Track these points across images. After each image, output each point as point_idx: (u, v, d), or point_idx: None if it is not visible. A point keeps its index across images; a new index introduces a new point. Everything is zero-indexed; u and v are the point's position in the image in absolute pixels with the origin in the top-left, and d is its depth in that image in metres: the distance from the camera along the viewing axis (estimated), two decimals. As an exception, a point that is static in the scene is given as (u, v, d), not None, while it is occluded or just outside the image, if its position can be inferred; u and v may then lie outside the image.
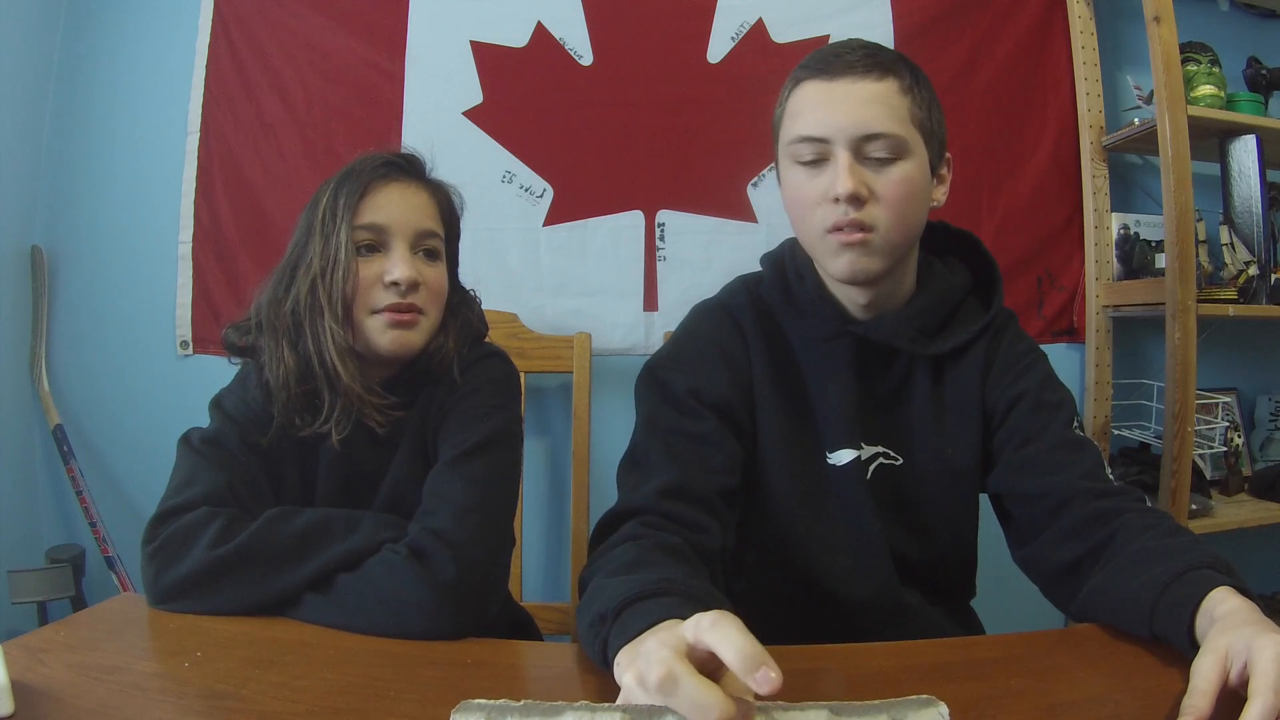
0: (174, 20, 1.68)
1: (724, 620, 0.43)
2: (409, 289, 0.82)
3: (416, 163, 0.89)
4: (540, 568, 1.64)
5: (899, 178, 0.77)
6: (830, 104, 0.78)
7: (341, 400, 0.81)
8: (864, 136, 0.76)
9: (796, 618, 0.87)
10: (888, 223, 0.77)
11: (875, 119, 0.76)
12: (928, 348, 0.85)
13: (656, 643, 0.45)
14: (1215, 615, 0.56)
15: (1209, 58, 1.58)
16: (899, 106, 0.77)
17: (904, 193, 0.77)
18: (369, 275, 0.82)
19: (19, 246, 1.65)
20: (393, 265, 0.82)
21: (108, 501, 1.62)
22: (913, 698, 0.48)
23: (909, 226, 0.80)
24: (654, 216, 1.65)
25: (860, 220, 0.77)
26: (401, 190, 0.86)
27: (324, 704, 0.54)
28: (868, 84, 0.77)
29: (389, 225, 0.83)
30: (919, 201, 0.80)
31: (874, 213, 0.77)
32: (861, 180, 0.76)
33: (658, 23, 1.66)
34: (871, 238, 0.77)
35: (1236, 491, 1.64)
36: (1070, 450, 0.80)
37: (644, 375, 0.86)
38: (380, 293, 0.82)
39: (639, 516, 0.72)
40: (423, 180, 0.89)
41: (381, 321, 0.82)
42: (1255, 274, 1.51)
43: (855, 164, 0.77)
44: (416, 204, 0.86)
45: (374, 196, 0.84)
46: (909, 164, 0.78)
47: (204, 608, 0.71)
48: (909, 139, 0.77)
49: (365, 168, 0.85)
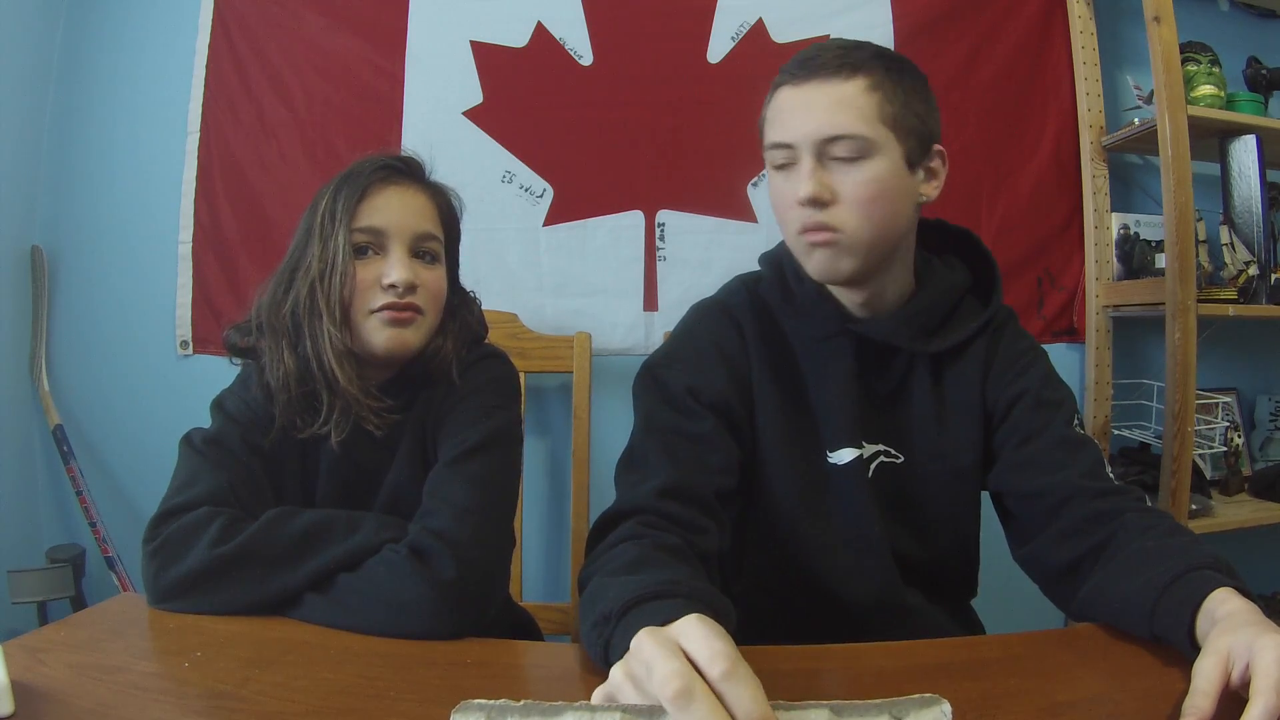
0: (174, 20, 1.68)
1: (735, 673, 0.42)
2: (406, 291, 0.83)
3: (415, 165, 0.90)
4: (540, 568, 1.64)
5: (863, 178, 0.77)
6: (796, 109, 0.79)
7: (340, 402, 0.81)
8: (826, 139, 0.77)
9: (797, 617, 0.87)
10: (854, 223, 0.78)
11: (836, 121, 0.76)
12: (927, 346, 0.85)
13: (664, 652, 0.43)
14: (1216, 616, 0.55)
15: (1209, 58, 1.58)
16: (864, 105, 0.77)
17: (870, 193, 0.77)
18: (366, 277, 0.82)
19: (19, 246, 1.65)
20: (390, 268, 0.82)
21: (108, 501, 1.62)
22: (915, 696, 0.48)
23: (880, 226, 0.79)
24: (654, 216, 1.65)
25: (824, 222, 0.78)
26: (400, 193, 0.86)
27: (324, 704, 0.54)
28: (833, 85, 0.77)
29: (387, 228, 0.83)
30: (891, 200, 0.79)
31: (838, 214, 0.78)
32: (823, 183, 0.77)
33: (658, 23, 1.66)
34: (838, 238, 0.78)
35: (1236, 491, 1.64)
36: (1070, 449, 0.80)
37: (642, 374, 0.86)
38: (378, 294, 0.82)
39: (637, 516, 0.72)
40: (422, 183, 0.89)
41: (378, 320, 0.82)
42: (1255, 274, 1.52)
43: (818, 167, 0.77)
44: (415, 207, 0.86)
45: (372, 199, 0.84)
46: (876, 163, 0.77)
47: (204, 607, 0.71)
48: (875, 138, 0.77)
49: (364, 170, 0.85)
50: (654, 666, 0.43)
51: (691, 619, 0.46)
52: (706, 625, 0.45)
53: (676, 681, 0.41)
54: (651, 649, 0.44)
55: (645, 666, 0.44)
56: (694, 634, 0.45)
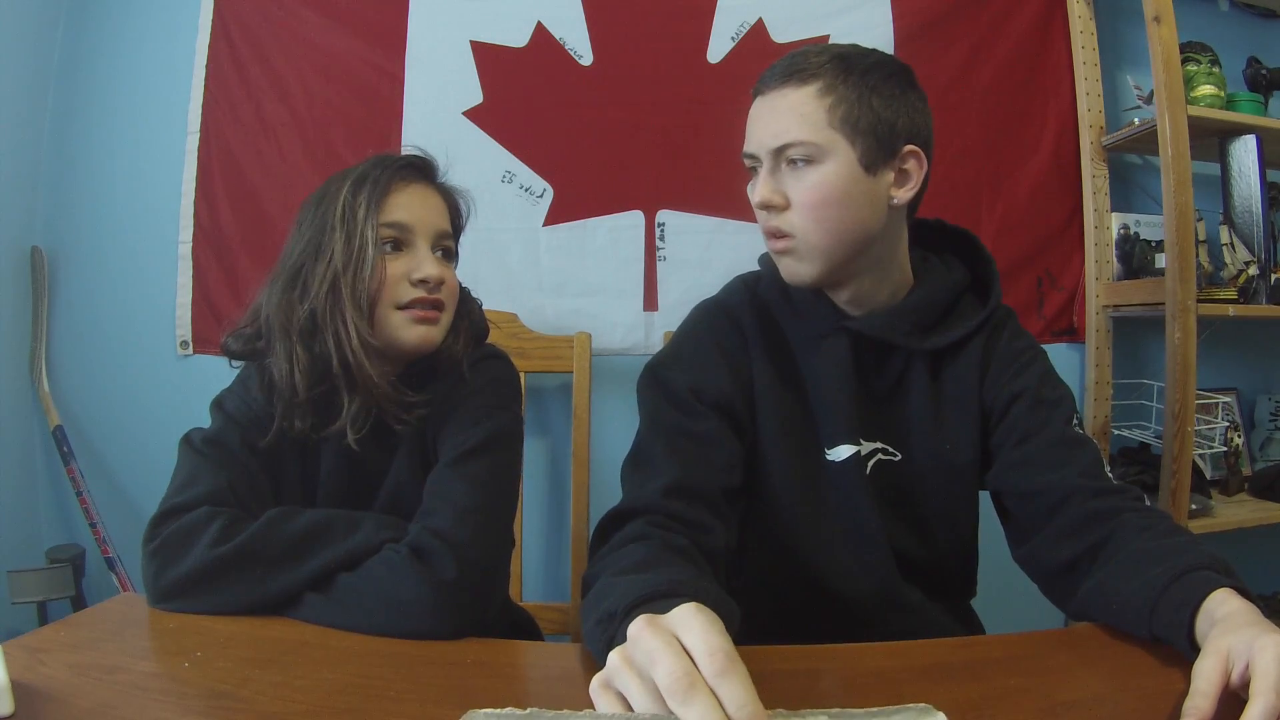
0: (174, 20, 1.68)
1: (731, 672, 0.42)
2: (436, 286, 0.84)
3: (432, 166, 0.92)
4: (540, 568, 1.64)
5: (811, 182, 0.79)
6: (757, 119, 0.82)
7: (359, 399, 0.82)
8: (778, 148, 0.80)
9: (796, 614, 0.87)
10: (804, 227, 0.80)
11: (784, 129, 0.79)
12: (924, 342, 0.85)
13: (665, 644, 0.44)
14: (1216, 617, 0.55)
15: (1209, 58, 1.58)
16: (812, 111, 0.78)
17: (818, 197, 0.79)
18: (395, 272, 0.83)
19: (19, 247, 1.65)
20: (420, 263, 0.84)
21: (108, 502, 1.62)
22: (911, 706, 0.48)
23: (835, 229, 0.79)
24: (654, 216, 1.65)
25: (778, 227, 0.81)
26: (422, 191, 0.88)
27: (324, 704, 0.54)
28: (785, 93, 0.80)
29: (413, 224, 0.85)
30: (844, 203, 0.79)
31: (790, 219, 0.80)
32: (775, 189, 0.80)
33: (658, 23, 1.66)
34: (793, 244, 0.81)
35: (1236, 491, 1.64)
36: (1069, 448, 0.80)
37: (645, 375, 0.87)
38: (406, 289, 0.83)
39: (644, 516, 0.72)
40: (438, 182, 0.91)
41: (406, 318, 0.83)
42: (1255, 274, 1.52)
43: (773, 173, 0.81)
44: (434, 205, 0.88)
45: (397, 196, 0.85)
46: (824, 167, 0.78)
47: (204, 607, 0.71)
48: (822, 142, 0.78)
49: (388, 166, 0.86)
50: (657, 659, 0.43)
51: (690, 608, 0.46)
52: (704, 616, 0.45)
53: (679, 675, 0.42)
54: (650, 639, 0.44)
55: (647, 656, 0.44)
56: (692, 626, 0.45)
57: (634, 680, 0.45)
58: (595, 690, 0.47)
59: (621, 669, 0.45)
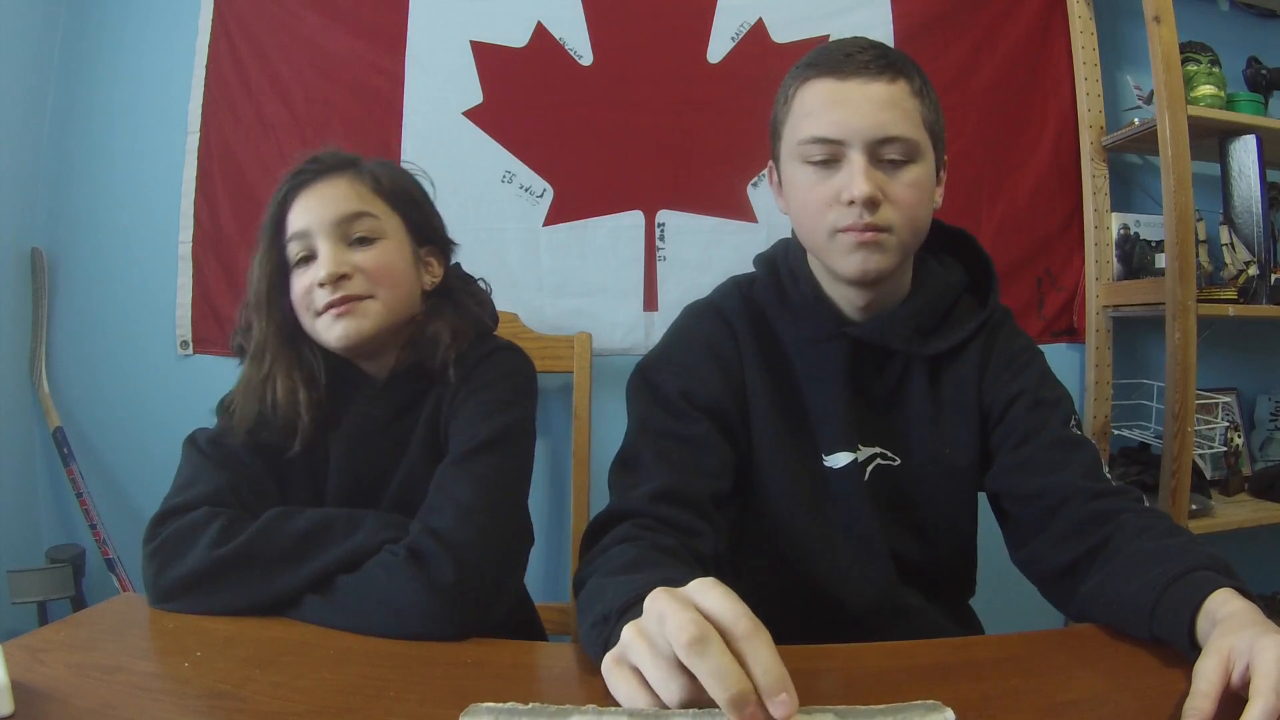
0: (174, 20, 1.68)
1: (758, 634, 0.42)
2: (335, 283, 0.82)
3: (329, 158, 0.88)
4: (540, 568, 1.64)
5: (912, 180, 0.77)
6: (844, 105, 0.76)
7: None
8: (880, 140, 0.76)
9: (796, 620, 0.86)
10: (901, 225, 0.77)
11: (891, 122, 0.76)
12: (924, 347, 0.85)
13: (678, 605, 0.43)
14: (1217, 617, 0.55)
15: (1209, 58, 1.58)
16: (911, 109, 0.77)
17: (917, 196, 0.78)
18: (302, 284, 0.84)
19: (19, 248, 1.65)
20: (318, 266, 0.83)
21: (108, 502, 1.62)
22: (918, 702, 0.48)
23: (919, 229, 0.80)
24: (654, 216, 1.65)
25: (875, 223, 0.76)
26: (316, 190, 0.85)
27: (324, 704, 0.54)
28: (881, 85, 0.76)
29: (309, 228, 0.84)
30: (927, 204, 0.80)
31: (888, 215, 0.77)
32: (877, 183, 0.76)
33: (658, 23, 1.66)
34: (886, 239, 0.77)
35: (1236, 491, 1.64)
36: (1068, 449, 0.80)
37: (635, 376, 0.86)
38: (318, 294, 0.83)
39: (632, 519, 0.72)
40: (340, 170, 0.87)
41: (326, 320, 0.83)
42: (1255, 274, 1.51)
43: (870, 167, 0.76)
44: (333, 195, 0.85)
45: (296, 206, 0.85)
46: (920, 167, 0.78)
47: (204, 607, 0.70)
48: (921, 142, 0.78)
49: (285, 182, 0.86)
50: (667, 617, 0.43)
51: (706, 581, 0.46)
52: (722, 587, 0.45)
53: (692, 629, 0.41)
54: (665, 602, 0.44)
55: (658, 618, 0.44)
56: (712, 594, 0.45)
57: (646, 650, 0.44)
58: (608, 668, 0.47)
59: (634, 640, 0.45)
